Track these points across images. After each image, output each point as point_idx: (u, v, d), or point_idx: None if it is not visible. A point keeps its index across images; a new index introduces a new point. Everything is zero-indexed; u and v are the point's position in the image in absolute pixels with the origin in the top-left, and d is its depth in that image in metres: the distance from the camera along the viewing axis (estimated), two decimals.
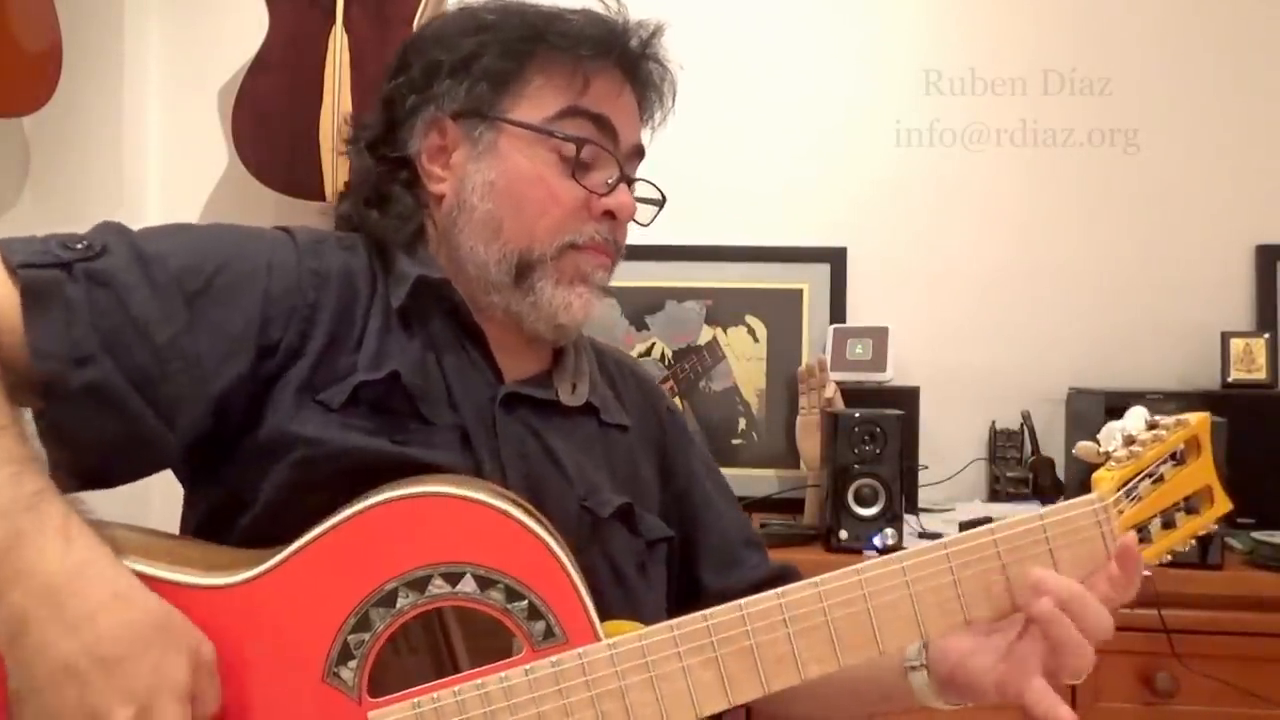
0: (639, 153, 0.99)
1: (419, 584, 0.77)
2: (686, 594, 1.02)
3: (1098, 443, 0.84)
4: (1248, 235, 2.09)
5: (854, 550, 1.68)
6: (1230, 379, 1.94)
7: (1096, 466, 0.83)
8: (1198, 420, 0.82)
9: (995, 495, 2.02)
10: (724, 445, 2.11)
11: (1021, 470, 2.01)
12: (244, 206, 2.23)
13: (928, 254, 2.16)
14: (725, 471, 1.14)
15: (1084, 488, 0.83)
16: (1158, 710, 1.57)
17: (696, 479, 1.08)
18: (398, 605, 0.77)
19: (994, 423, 2.08)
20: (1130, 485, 0.81)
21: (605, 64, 0.94)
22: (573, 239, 0.92)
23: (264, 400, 0.85)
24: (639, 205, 0.98)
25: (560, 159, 0.92)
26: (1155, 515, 0.82)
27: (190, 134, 2.29)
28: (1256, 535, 1.65)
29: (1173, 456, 0.82)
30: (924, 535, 1.76)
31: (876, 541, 1.68)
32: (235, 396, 0.84)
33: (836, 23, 2.20)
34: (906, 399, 1.95)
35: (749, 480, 2.07)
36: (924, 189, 2.16)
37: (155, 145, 2.31)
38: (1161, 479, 0.81)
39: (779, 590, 0.79)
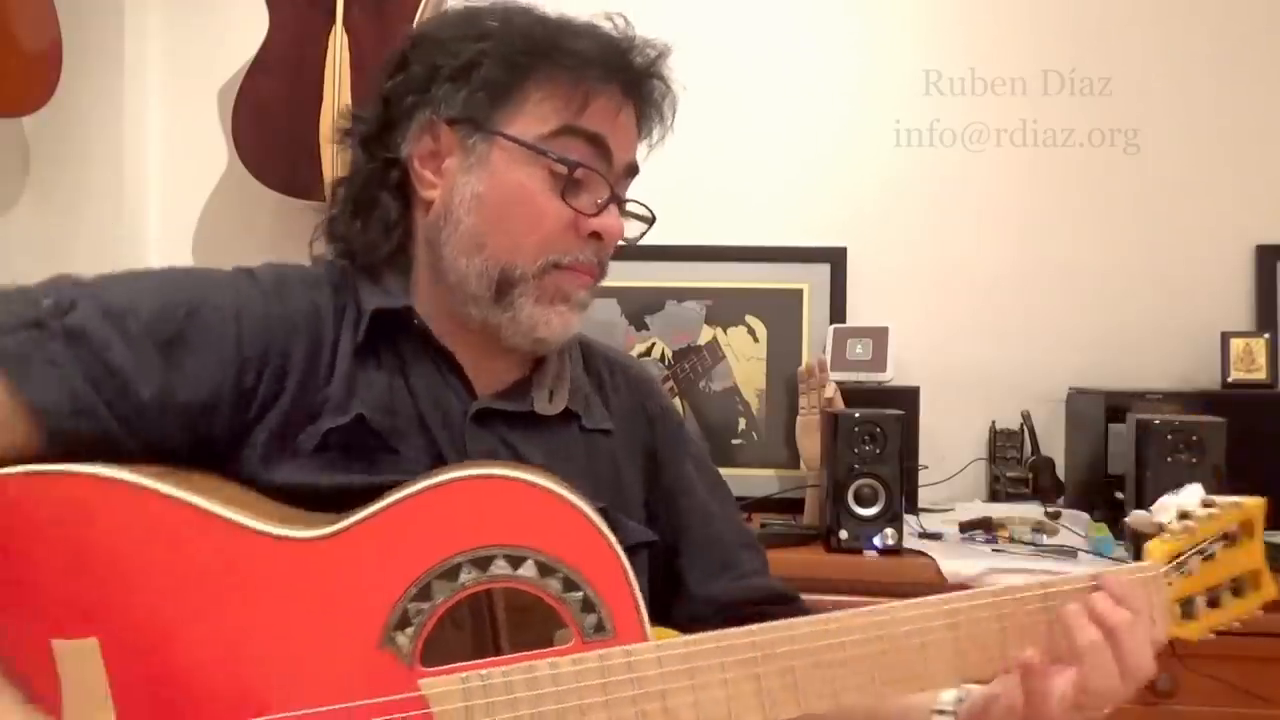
0: (632, 171, 0.98)
1: (483, 562, 0.79)
2: (670, 597, 1.01)
3: (1151, 514, 0.87)
4: (1248, 235, 2.09)
5: (854, 550, 1.68)
6: (1230, 379, 1.94)
7: (1149, 536, 0.86)
8: (1253, 504, 0.85)
9: (995, 495, 2.02)
10: (724, 445, 2.11)
11: (1021, 470, 2.01)
12: (244, 206, 2.24)
13: (928, 254, 2.16)
14: (725, 472, 1.13)
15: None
16: (1158, 710, 1.57)
17: (687, 480, 1.06)
18: (460, 580, 0.79)
19: (994, 423, 2.08)
20: (1182, 560, 0.83)
21: (606, 82, 0.92)
22: (557, 259, 0.91)
23: (241, 441, 0.87)
24: (629, 221, 0.97)
25: (552, 177, 0.91)
26: (1203, 592, 0.84)
27: (190, 134, 2.29)
28: None
29: (1224, 536, 0.85)
30: (924, 535, 1.76)
31: (876, 541, 1.68)
32: (219, 437, 0.86)
33: (837, 23, 2.20)
34: (906, 399, 1.94)
35: (749, 480, 2.07)
36: (924, 189, 2.16)
37: (155, 145, 2.31)
38: (1212, 556, 0.84)
39: (829, 615, 0.81)
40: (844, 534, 1.69)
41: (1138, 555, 0.85)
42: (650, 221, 1.01)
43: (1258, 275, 2.08)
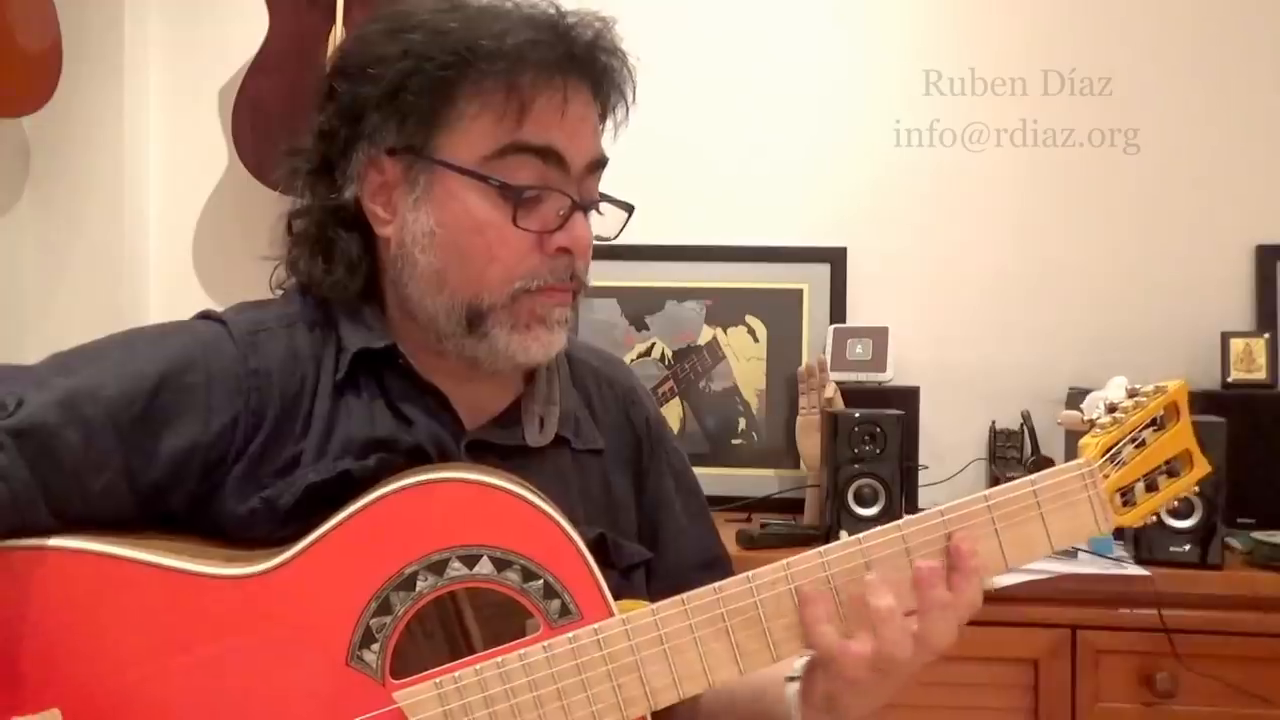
0: (599, 165, 0.91)
1: (437, 567, 0.79)
2: None
3: (1082, 412, 0.87)
4: (1248, 235, 2.09)
5: None
6: (1230, 379, 1.94)
7: (1082, 434, 0.86)
8: (1176, 387, 0.85)
9: None
10: (724, 445, 2.10)
11: (1021, 470, 2.01)
12: (244, 206, 2.23)
13: (927, 254, 2.16)
14: (725, 472, 1.13)
15: None
16: (1158, 710, 1.57)
17: (665, 495, 1.04)
18: (417, 588, 0.79)
19: (994, 423, 2.07)
20: (1114, 450, 0.83)
21: (545, 77, 0.85)
22: (525, 285, 0.87)
23: (207, 497, 0.85)
24: (608, 208, 0.92)
25: (503, 200, 0.85)
26: (1139, 479, 0.84)
27: (190, 134, 2.29)
28: (1256, 535, 1.65)
29: (1153, 422, 0.84)
30: None
31: None
32: (175, 509, 0.85)
33: (836, 22, 2.20)
34: (906, 399, 1.95)
35: (749, 480, 2.05)
36: (924, 189, 2.16)
37: (155, 145, 2.30)
38: (1144, 444, 0.84)
39: (785, 561, 0.80)
40: (844, 534, 1.68)
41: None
42: (629, 210, 0.94)
43: (1258, 275, 2.08)
